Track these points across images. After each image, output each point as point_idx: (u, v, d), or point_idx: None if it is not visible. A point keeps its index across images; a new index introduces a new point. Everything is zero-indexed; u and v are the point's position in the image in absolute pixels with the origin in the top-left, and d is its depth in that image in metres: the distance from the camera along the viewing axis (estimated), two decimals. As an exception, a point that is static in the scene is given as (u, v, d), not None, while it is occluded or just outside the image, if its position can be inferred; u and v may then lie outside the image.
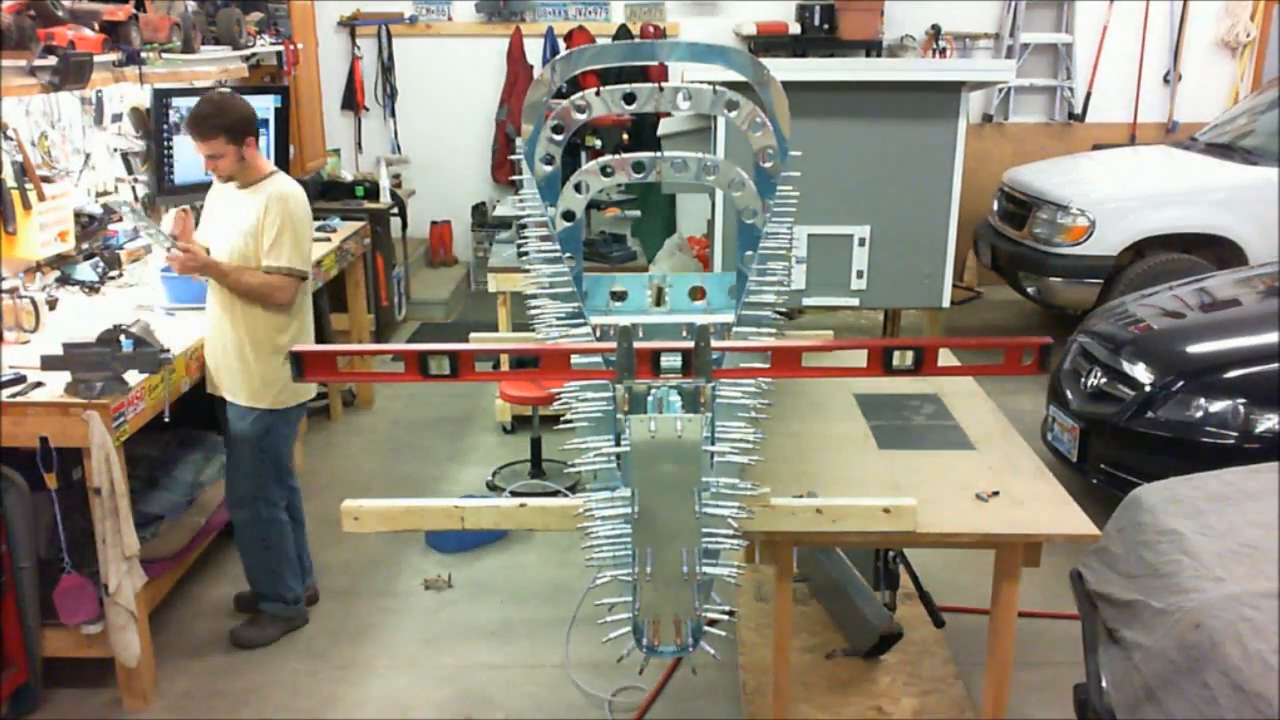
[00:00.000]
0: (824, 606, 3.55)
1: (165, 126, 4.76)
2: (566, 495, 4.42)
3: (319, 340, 5.33)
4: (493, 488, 4.83)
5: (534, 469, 4.89)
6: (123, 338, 3.13)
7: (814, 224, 4.78)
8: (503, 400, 5.28)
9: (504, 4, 7.85)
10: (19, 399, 3.07)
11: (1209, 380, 3.96)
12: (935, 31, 7.93)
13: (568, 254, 2.70)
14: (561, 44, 7.80)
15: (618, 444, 2.01)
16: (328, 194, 6.56)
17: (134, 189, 4.74)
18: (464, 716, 3.32)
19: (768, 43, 7.60)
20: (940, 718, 3.10)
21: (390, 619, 3.83)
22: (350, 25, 7.96)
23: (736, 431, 2.10)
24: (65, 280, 4.07)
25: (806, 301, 5.03)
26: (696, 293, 3.12)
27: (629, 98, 2.70)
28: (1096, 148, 7.66)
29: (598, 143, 5.35)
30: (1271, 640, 2.01)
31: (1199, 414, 3.89)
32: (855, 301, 5.02)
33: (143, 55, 4.26)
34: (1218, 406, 3.87)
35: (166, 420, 3.37)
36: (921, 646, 3.39)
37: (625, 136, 5.52)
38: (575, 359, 2.05)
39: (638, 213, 5.90)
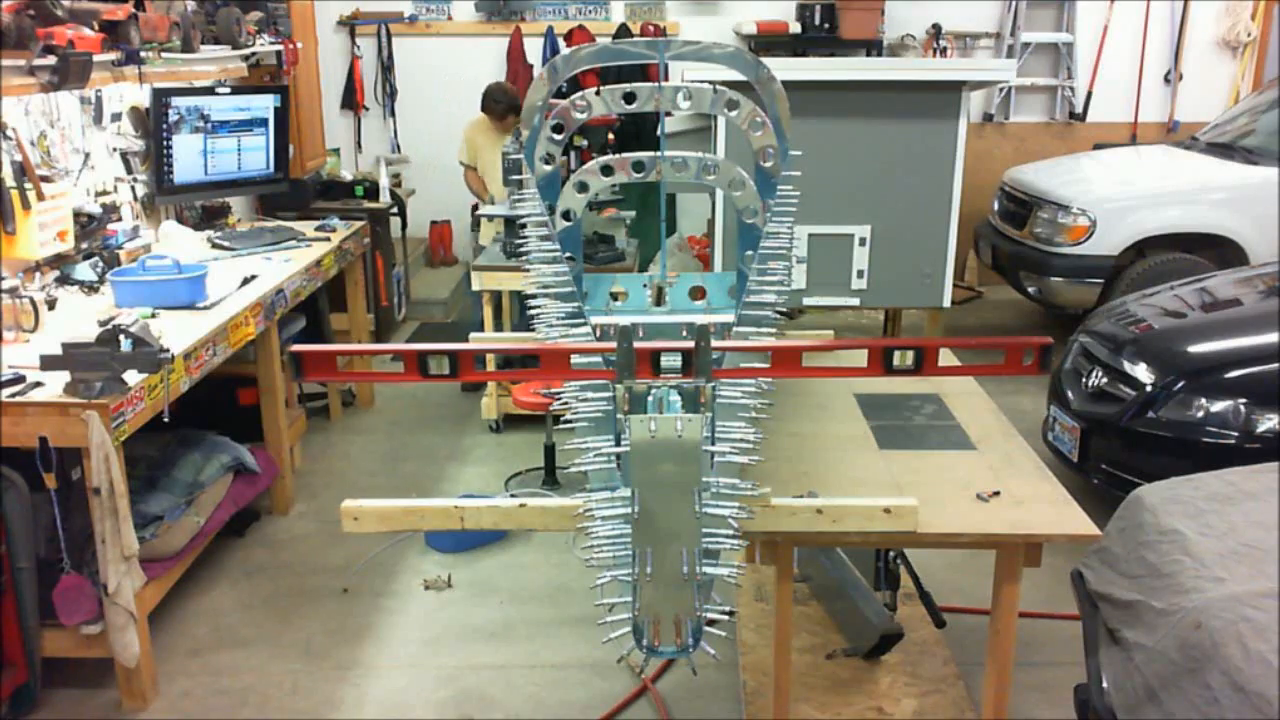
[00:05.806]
0: (824, 607, 3.55)
1: (165, 126, 4.76)
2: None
3: (318, 340, 5.34)
4: None
5: (548, 478, 4.81)
6: (122, 338, 3.12)
7: (814, 223, 4.78)
8: (488, 399, 5.27)
9: (504, 3, 7.85)
10: (18, 399, 3.07)
11: (1210, 380, 3.96)
12: (936, 31, 7.93)
13: (567, 254, 2.69)
14: (561, 43, 7.79)
15: (618, 444, 2.00)
16: (327, 194, 6.56)
17: (133, 189, 4.74)
18: (464, 717, 3.32)
19: (768, 42, 7.60)
20: (941, 718, 3.10)
21: (390, 619, 3.83)
22: (350, 24, 7.96)
23: (737, 431, 2.09)
24: (64, 280, 4.06)
25: (807, 301, 5.02)
26: (697, 292, 3.12)
27: (629, 97, 2.68)
28: (1097, 147, 7.65)
29: (584, 143, 5.35)
30: (1272, 640, 2.00)
31: (1200, 414, 3.88)
32: (856, 301, 5.02)
33: (142, 55, 4.26)
34: (1219, 406, 3.86)
35: (166, 420, 3.37)
36: (922, 647, 3.39)
37: (611, 136, 5.51)
38: (575, 359, 2.04)
39: (632, 212, 5.90)
